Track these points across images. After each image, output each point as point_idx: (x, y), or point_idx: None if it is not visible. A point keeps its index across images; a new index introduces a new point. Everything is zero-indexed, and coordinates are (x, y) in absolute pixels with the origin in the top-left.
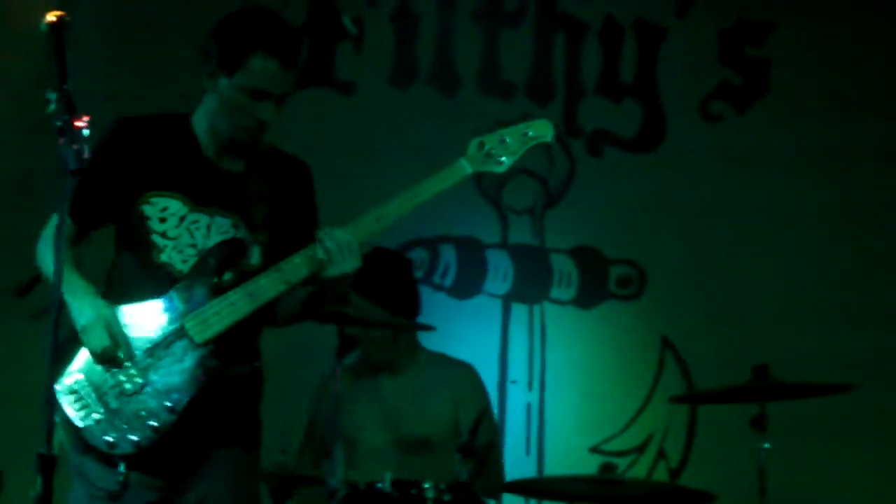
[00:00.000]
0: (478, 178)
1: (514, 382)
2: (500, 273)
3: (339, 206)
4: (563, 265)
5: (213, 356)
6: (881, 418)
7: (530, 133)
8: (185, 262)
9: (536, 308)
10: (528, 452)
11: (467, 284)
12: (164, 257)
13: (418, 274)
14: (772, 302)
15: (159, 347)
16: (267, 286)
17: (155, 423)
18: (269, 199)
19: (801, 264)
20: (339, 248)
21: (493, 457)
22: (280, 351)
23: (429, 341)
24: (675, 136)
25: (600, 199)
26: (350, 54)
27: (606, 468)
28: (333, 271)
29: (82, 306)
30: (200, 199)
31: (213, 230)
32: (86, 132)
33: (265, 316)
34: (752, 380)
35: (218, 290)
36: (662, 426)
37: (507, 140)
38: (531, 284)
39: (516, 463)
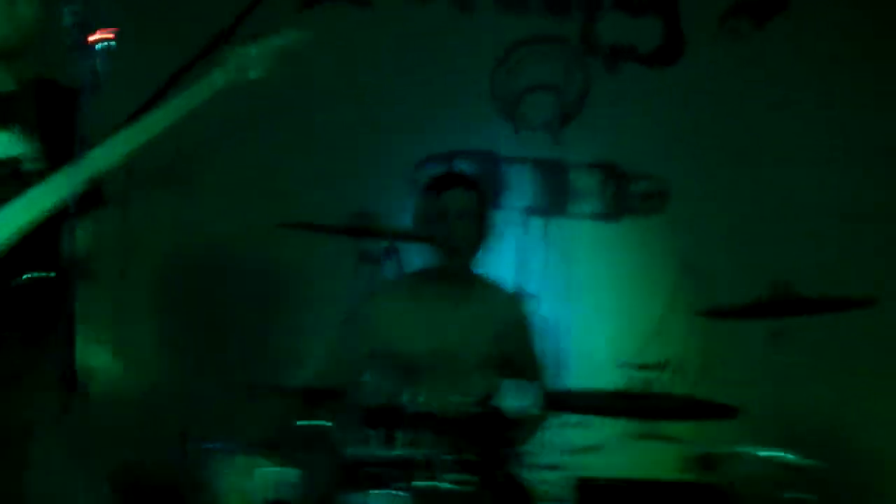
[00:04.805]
0: (495, 93)
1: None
2: (518, 187)
3: (351, 119)
4: (582, 179)
5: None
6: None
7: (277, 42)
8: None
9: (554, 222)
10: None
11: None
12: None
13: None
14: (793, 217)
15: None
16: (43, 194)
17: None
18: (39, 115)
19: (824, 178)
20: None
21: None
22: (301, 266)
23: None
24: (694, 51)
25: (618, 114)
26: None
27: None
28: None
29: None
30: None
31: None
32: (99, 46)
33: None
34: (772, 294)
35: None
36: (682, 341)
37: (255, 52)
38: (550, 199)
39: None
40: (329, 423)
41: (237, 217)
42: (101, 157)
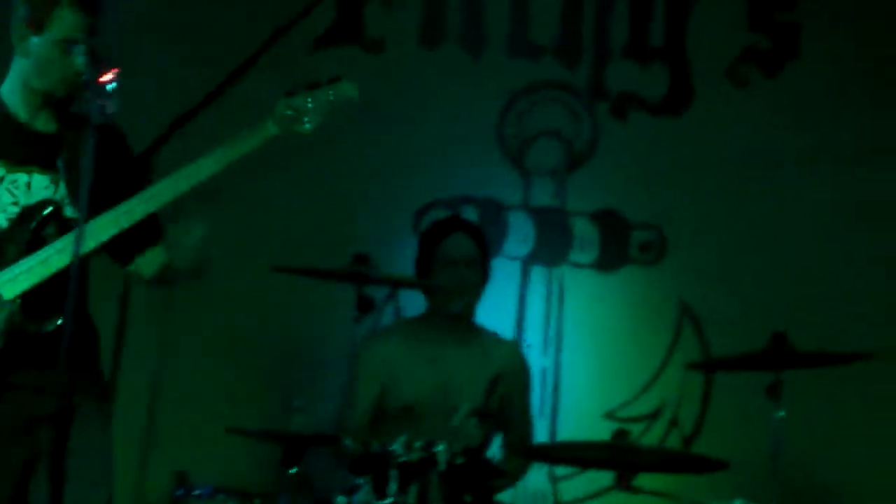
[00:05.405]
0: (501, 139)
1: (529, 346)
2: (520, 235)
3: (354, 163)
4: (584, 228)
5: (20, 311)
6: None
7: (333, 97)
8: (9, 220)
9: (556, 271)
10: (540, 415)
11: None
12: None
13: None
14: (793, 269)
15: None
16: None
17: None
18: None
19: (825, 232)
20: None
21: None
22: (300, 312)
23: None
24: (702, 101)
25: (624, 162)
26: (379, 12)
27: (620, 435)
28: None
29: None
30: (17, 159)
31: (33, 187)
32: (110, 87)
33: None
34: (768, 347)
35: (34, 246)
36: (677, 393)
37: (313, 104)
38: (551, 247)
39: None
40: (318, 471)
41: (235, 261)
42: (147, 202)
